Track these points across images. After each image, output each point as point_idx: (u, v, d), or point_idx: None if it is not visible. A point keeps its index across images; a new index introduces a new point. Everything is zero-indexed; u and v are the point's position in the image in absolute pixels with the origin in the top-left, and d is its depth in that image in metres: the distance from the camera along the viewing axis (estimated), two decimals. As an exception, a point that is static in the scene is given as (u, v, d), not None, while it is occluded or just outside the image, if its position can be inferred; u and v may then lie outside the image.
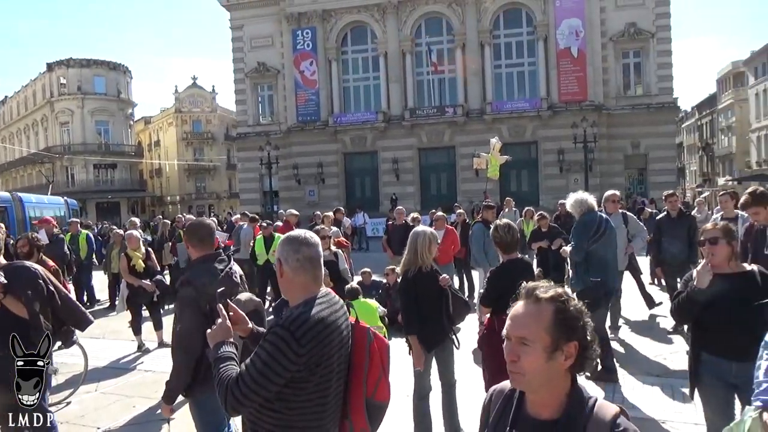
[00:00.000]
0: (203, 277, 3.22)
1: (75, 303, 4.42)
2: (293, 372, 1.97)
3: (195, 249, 3.40)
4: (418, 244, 4.37)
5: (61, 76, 50.15)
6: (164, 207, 56.60)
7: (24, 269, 4.13)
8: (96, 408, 5.27)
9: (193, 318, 3.13)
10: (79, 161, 49.17)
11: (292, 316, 2.00)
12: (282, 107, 33.92)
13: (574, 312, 1.46)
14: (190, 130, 58.21)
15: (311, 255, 2.16)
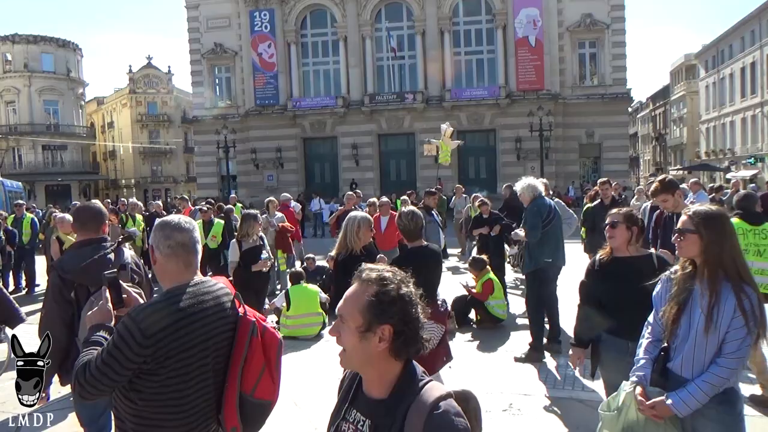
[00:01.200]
0: (69, 263, 3.18)
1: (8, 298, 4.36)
2: (138, 364, 1.90)
3: (78, 233, 3.35)
4: (348, 228, 4.47)
5: (6, 53, 47.99)
6: (119, 190, 55.06)
7: None
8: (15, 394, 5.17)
9: (53, 305, 3.08)
10: (27, 142, 47.32)
11: (143, 306, 1.98)
12: (240, 90, 33.37)
13: (392, 296, 1.47)
14: (145, 111, 56.59)
15: (184, 241, 2.10)
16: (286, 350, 6.44)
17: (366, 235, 4.51)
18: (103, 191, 54.65)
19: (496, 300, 7.41)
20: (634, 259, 3.33)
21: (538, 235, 5.97)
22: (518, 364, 5.94)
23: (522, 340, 6.74)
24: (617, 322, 3.30)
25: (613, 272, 3.35)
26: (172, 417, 2.01)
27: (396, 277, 1.52)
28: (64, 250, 7.60)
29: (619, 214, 3.41)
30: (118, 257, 3.22)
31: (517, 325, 7.47)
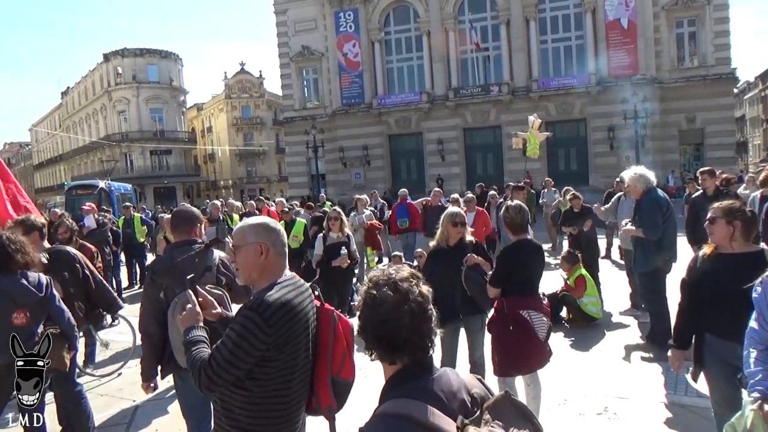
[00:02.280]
0: (158, 265, 3.39)
1: (107, 288, 4.73)
2: (262, 351, 2.07)
3: (173, 236, 3.56)
4: (441, 222, 4.61)
5: (117, 66, 52.11)
6: (218, 191, 58.26)
7: (64, 253, 4.51)
8: (134, 382, 5.60)
9: (147, 304, 3.25)
10: (137, 148, 51.16)
11: (260, 299, 2.11)
12: (327, 90, 34.20)
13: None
14: (239, 115, 59.47)
15: (284, 242, 2.34)
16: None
17: (451, 230, 4.54)
18: (204, 192, 58.04)
19: (589, 297, 7.15)
20: (741, 256, 3.12)
21: (659, 232, 5.52)
22: (613, 365, 5.71)
23: (618, 340, 6.47)
24: (722, 324, 3.11)
25: (715, 270, 3.15)
26: (282, 401, 2.20)
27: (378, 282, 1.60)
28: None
29: (719, 209, 3.21)
30: (204, 259, 3.33)
31: (613, 324, 7.17)
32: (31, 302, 3.66)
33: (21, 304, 3.62)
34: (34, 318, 3.70)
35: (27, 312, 3.64)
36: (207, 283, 3.12)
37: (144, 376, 3.33)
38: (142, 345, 3.37)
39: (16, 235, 3.86)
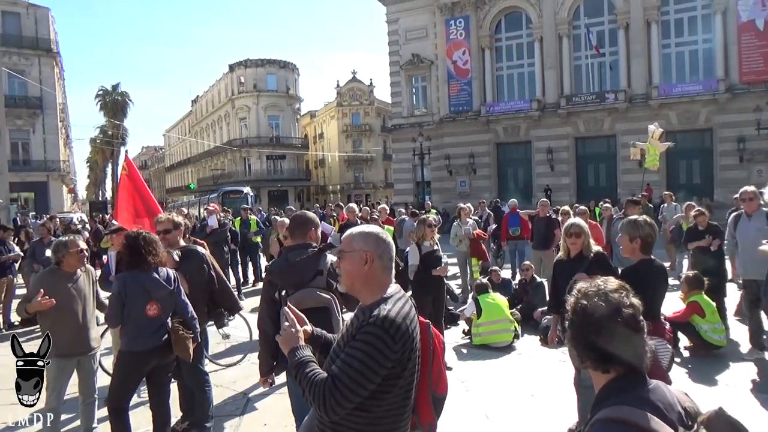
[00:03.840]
0: (274, 266, 3.55)
1: (230, 289, 5.01)
2: (389, 369, 2.00)
3: (290, 238, 3.71)
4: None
5: (240, 76, 55.78)
6: (326, 195, 60.36)
7: (195, 252, 4.77)
8: (247, 376, 6.01)
9: (263, 303, 3.42)
10: (255, 153, 54.37)
11: (384, 315, 2.02)
12: (435, 98, 34.35)
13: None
14: (349, 122, 61.31)
15: (392, 255, 2.25)
16: (479, 360, 6.64)
17: (567, 241, 4.47)
18: (314, 196, 60.42)
19: (709, 324, 6.62)
20: None
21: None
22: (740, 400, 5.24)
23: (745, 373, 5.92)
24: None
25: None
26: (399, 419, 2.14)
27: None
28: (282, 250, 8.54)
29: None
30: (316, 262, 3.37)
31: (740, 355, 6.54)
32: (162, 295, 4.02)
33: (154, 297, 3.99)
34: (165, 309, 4.06)
35: (159, 304, 4.01)
36: (318, 287, 3.28)
37: (261, 371, 3.50)
38: (259, 342, 3.57)
39: (151, 235, 4.23)
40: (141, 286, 3.98)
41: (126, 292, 3.98)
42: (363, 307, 2.16)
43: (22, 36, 36.96)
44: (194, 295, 4.52)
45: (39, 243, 10.18)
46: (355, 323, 2.11)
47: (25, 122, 37.51)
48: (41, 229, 10.98)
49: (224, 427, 4.90)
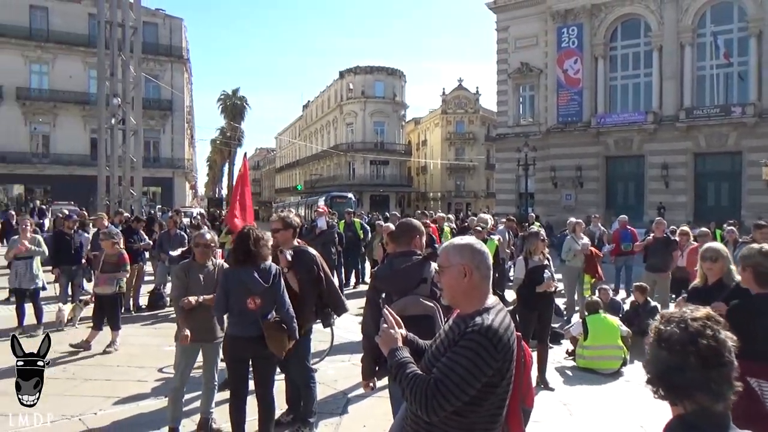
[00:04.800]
0: (379, 272, 3.62)
1: (337, 290, 5.15)
2: (489, 377, 2.05)
3: (393, 245, 3.81)
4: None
5: (349, 83, 57.57)
6: (426, 202, 60.65)
7: (306, 253, 4.94)
8: (347, 376, 6.29)
9: (368, 307, 3.49)
10: (359, 158, 55.84)
11: (486, 324, 2.08)
12: (543, 108, 33.56)
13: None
14: (453, 130, 61.29)
15: (489, 265, 2.29)
16: (584, 383, 6.50)
17: (702, 266, 4.13)
18: (414, 203, 60.93)
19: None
20: None
21: None
22: None
23: None
24: None
25: None
26: (491, 427, 2.19)
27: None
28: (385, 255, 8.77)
29: None
30: (421, 270, 3.41)
31: None
32: (259, 290, 4.24)
33: (253, 292, 4.24)
34: (265, 304, 4.28)
35: (258, 298, 4.24)
36: (421, 294, 3.33)
37: (363, 374, 3.56)
38: (362, 345, 3.66)
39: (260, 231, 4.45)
40: (240, 281, 4.26)
41: (228, 285, 4.31)
42: (463, 316, 2.22)
43: (158, 44, 40.62)
44: (303, 294, 4.70)
45: (166, 234, 11.20)
46: (456, 330, 2.17)
47: (157, 123, 41.20)
48: (168, 221, 11.98)
49: (325, 424, 5.06)
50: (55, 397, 5.64)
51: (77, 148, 38.79)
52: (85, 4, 37.92)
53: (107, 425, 4.99)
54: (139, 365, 6.82)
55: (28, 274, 8.40)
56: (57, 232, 10.62)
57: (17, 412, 5.17)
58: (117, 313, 7.86)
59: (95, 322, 7.74)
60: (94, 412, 5.29)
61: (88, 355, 7.29)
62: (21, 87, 38.19)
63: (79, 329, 8.48)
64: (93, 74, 34.36)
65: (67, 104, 38.97)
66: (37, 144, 39.27)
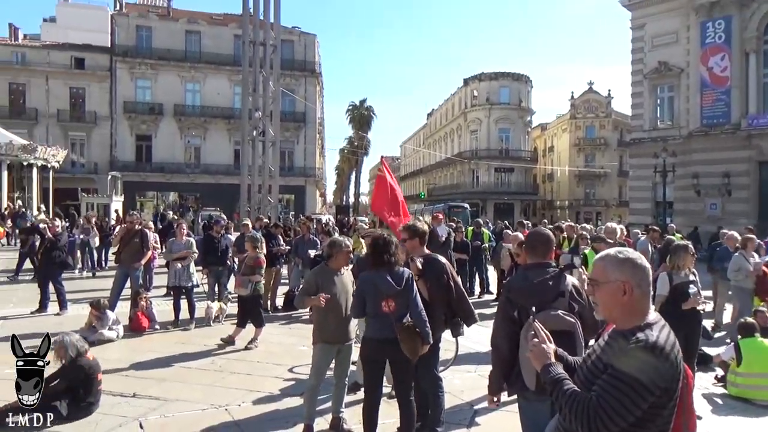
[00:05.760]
0: (515, 284, 3.47)
1: (467, 300, 5.12)
2: (656, 396, 1.95)
3: (528, 256, 3.62)
4: None
5: (474, 90, 57.29)
6: (553, 211, 58.60)
7: (436, 261, 4.97)
8: (473, 387, 6.27)
9: (501, 320, 3.34)
10: (483, 165, 55.28)
11: (652, 340, 1.99)
12: (683, 109, 31.01)
13: None
14: (582, 135, 58.67)
15: (650, 280, 2.18)
16: (736, 414, 6.01)
17: None
18: (540, 211, 59.09)
19: None
20: None
21: None
22: None
23: None
24: None
25: None
26: None
27: None
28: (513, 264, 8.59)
29: None
30: (558, 284, 3.31)
31: None
32: (393, 293, 4.38)
33: (387, 294, 4.38)
34: (399, 307, 4.39)
35: (392, 301, 4.37)
36: (559, 309, 3.19)
37: (490, 389, 3.43)
38: (491, 358, 3.50)
39: (391, 237, 4.61)
40: (374, 284, 4.41)
41: (363, 288, 4.50)
42: (621, 331, 2.12)
43: (294, 60, 43.38)
44: (433, 302, 4.73)
45: (300, 240, 11.91)
46: (615, 346, 2.07)
47: (292, 134, 44.00)
48: (302, 227, 12.73)
49: (452, 434, 5.03)
50: (205, 387, 6.25)
51: (223, 158, 42.65)
52: (232, 27, 41.49)
53: (249, 417, 5.40)
54: (276, 362, 7.31)
55: (185, 273, 9.38)
56: (206, 236, 11.68)
57: (174, 398, 5.82)
58: (259, 311, 8.51)
59: (239, 320, 8.46)
60: (238, 403, 5.75)
61: (233, 350, 7.96)
62: (178, 104, 42.92)
63: (224, 325, 9.27)
64: (237, 90, 37.66)
65: (215, 119, 43.03)
66: (190, 155, 43.78)
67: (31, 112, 40.86)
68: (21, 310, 10.31)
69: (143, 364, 7.09)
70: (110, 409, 5.48)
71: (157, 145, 42.74)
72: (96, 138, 42.04)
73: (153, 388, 6.15)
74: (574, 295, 3.32)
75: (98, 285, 12.95)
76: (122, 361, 7.14)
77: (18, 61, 41.41)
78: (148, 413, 5.42)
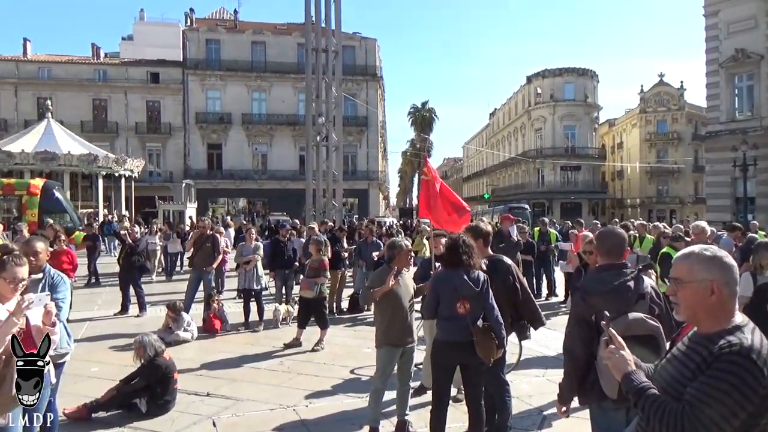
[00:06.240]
0: (592, 287, 3.21)
1: (534, 302, 5.01)
2: (755, 405, 1.82)
3: (600, 257, 3.40)
4: None
5: (537, 87, 56.04)
6: (623, 210, 56.39)
7: (501, 262, 4.90)
8: (542, 392, 6.11)
9: (575, 324, 3.15)
10: (548, 164, 53.94)
11: (746, 344, 1.87)
12: (764, 99, 29.09)
13: None
14: (653, 130, 56.17)
15: (737, 279, 2.06)
16: None
17: None
18: (609, 210, 57.02)
19: None
20: None
21: None
22: None
23: None
24: None
25: None
26: None
27: None
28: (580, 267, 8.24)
29: None
30: (637, 286, 3.15)
31: None
32: (470, 294, 4.32)
33: (463, 296, 4.32)
34: (474, 309, 4.34)
35: (468, 303, 4.32)
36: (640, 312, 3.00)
37: (561, 398, 3.21)
38: (564, 365, 3.29)
39: (469, 239, 4.56)
40: (451, 284, 4.36)
41: (439, 288, 4.44)
42: (706, 335, 2.01)
43: (355, 65, 43.99)
44: (498, 304, 4.61)
45: (364, 242, 12.05)
46: (702, 351, 1.95)
47: (354, 138, 44.62)
48: (365, 230, 12.87)
49: (521, 440, 4.95)
50: (273, 387, 6.43)
51: (288, 164, 43.82)
52: (295, 36, 42.54)
53: (316, 418, 5.51)
54: (342, 364, 7.42)
55: (255, 276, 9.69)
56: (273, 240, 12.02)
57: (245, 398, 6.02)
58: (323, 313, 8.67)
59: (299, 322, 8.65)
60: (306, 404, 5.87)
61: (300, 351, 8.14)
62: (245, 113, 44.56)
63: (291, 327, 9.50)
64: (301, 97, 38.51)
65: (281, 126, 44.28)
66: (257, 162, 45.34)
67: (112, 126, 43.45)
68: (105, 312, 10.95)
69: (215, 364, 7.37)
70: (186, 407, 5.73)
71: (226, 153, 44.41)
72: (171, 148, 44.17)
73: (225, 387, 6.39)
74: (653, 297, 3.16)
75: (174, 288, 13.59)
76: (196, 361, 7.45)
77: (100, 78, 44.17)
78: (221, 412, 5.62)
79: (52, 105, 34.22)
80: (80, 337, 8.77)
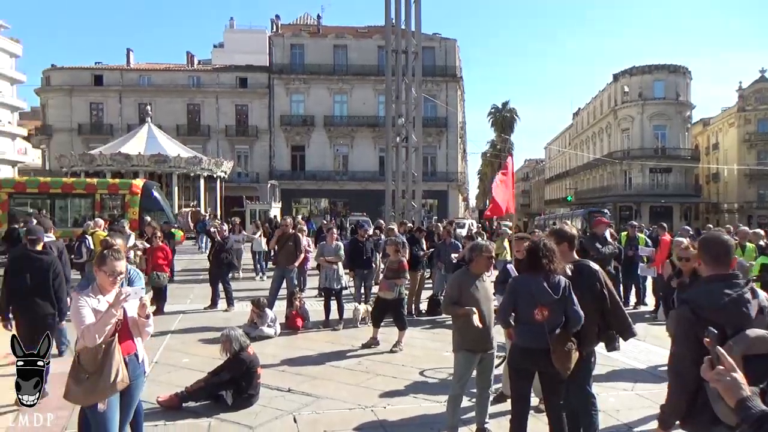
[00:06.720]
0: (704, 299, 2.90)
1: (623, 311, 4.71)
2: None
3: (706, 266, 3.08)
4: None
5: (624, 85, 53.54)
6: (719, 215, 52.79)
7: (588, 268, 4.61)
8: (630, 407, 5.80)
9: (684, 341, 2.88)
10: (636, 166, 51.38)
11: None
12: None
13: None
14: (753, 130, 52.25)
15: None
16: None
17: None
18: (704, 215, 53.58)
19: None
20: None
21: None
22: None
23: None
24: None
25: None
26: None
27: None
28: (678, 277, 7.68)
29: None
30: (756, 299, 2.87)
31: None
32: (548, 301, 4.16)
33: (541, 302, 4.16)
34: (553, 316, 4.18)
35: (546, 310, 4.16)
36: (760, 327, 2.75)
37: (663, 421, 2.96)
38: (670, 386, 2.99)
39: (551, 243, 4.40)
40: (528, 290, 4.22)
41: (516, 294, 4.30)
42: None
43: (435, 66, 44.00)
44: (585, 313, 4.37)
45: (442, 244, 11.97)
46: None
47: (434, 139, 44.64)
48: (443, 231, 12.78)
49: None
50: (352, 387, 6.50)
51: (368, 165, 44.50)
52: (376, 38, 43.09)
53: (394, 420, 5.50)
54: (420, 367, 7.39)
55: (335, 275, 9.88)
56: (352, 240, 12.18)
57: (324, 396, 6.12)
58: (402, 314, 8.68)
59: (374, 321, 8.73)
60: (384, 405, 5.89)
61: (378, 351, 8.19)
62: (327, 115, 45.85)
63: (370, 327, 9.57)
64: (381, 99, 39.00)
65: (361, 127, 45.10)
66: (338, 163, 46.42)
67: (204, 129, 45.88)
68: (196, 306, 11.52)
69: (296, 361, 7.57)
70: (268, 402, 5.91)
71: (309, 155, 45.77)
72: (257, 150, 46.07)
73: (305, 384, 6.53)
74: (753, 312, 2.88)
75: (260, 285, 14.10)
76: (278, 357, 7.68)
77: (193, 84, 46.94)
78: (301, 408, 5.74)
79: (152, 110, 36.74)
80: (174, 328, 9.33)
